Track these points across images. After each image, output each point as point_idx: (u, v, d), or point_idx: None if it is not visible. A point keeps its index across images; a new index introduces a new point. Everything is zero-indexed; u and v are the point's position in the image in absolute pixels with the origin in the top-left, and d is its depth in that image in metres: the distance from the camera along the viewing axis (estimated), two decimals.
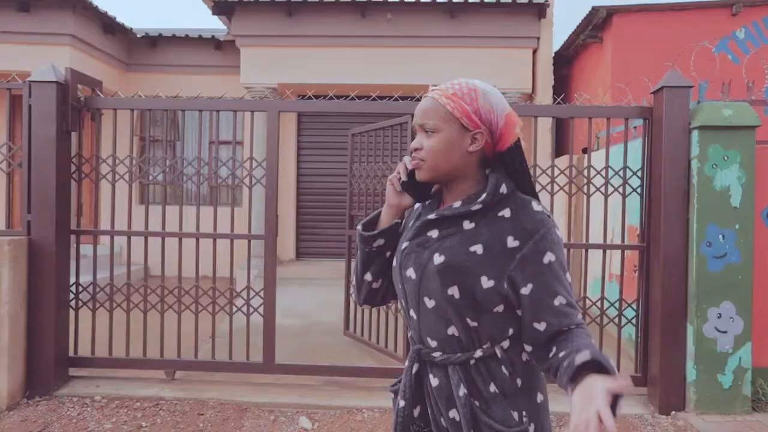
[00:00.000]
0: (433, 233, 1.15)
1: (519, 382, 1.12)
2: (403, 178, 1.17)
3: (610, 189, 3.48)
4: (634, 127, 4.27)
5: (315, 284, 6.39)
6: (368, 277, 1.28)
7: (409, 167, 1.17)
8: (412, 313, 1.19)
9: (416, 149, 1.14)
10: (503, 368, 1.11)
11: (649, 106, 3.47)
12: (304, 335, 4.80)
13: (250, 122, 3.60)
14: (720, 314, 3.23)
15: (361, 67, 6.90)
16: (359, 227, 1.27)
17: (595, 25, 5.76)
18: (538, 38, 6.79)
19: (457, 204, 1.13)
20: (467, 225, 1.11)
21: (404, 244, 1.20)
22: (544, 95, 6.73)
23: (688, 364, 3.28)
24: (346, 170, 7.52)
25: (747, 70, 4.94)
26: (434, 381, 1.15)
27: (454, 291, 1.08)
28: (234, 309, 3.64)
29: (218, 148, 3.62)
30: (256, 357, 3.63)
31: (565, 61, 7.02)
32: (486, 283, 1.06)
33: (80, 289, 3.62)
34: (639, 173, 3.47)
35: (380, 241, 1.24)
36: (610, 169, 3.48)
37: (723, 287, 3.23)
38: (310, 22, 6.89)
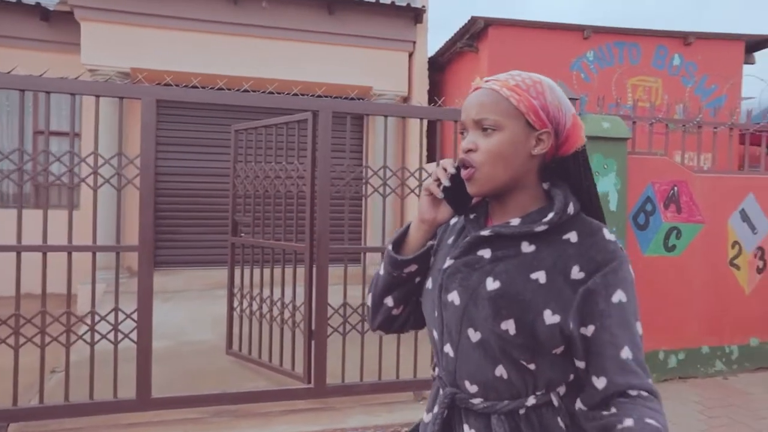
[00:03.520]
0: (485, 253, 0.94)
1: None
2: (446, 183, 0.95)
3: None
4: None
5: (181, 297, 5.68)
6: (389, 302, 1.06)
7: (452, 171, 0.95)
8: (447, 348, 0.96)
9: (469, 150, 0.92)
10: (559, 420, 0.91)
11: None
12: (178, 358, 4.18)
13: (117, 110, 2.96)
14: None
15: (231, 57, 6.32)
16: (390, 248, 1.03)
17: (472, 34, 6.04)
18: (414, 42, 6.91)
19: (516, 221, 0.93)
20: (526, 247, 0.92)
21: (447, 263, 0.97)
22: (420, 99, 6.88)
23: None
24: (212, 169, 6.97)
25: (596, 88, 5.58)
26: None
27: (508, 326, 0.88)
28: (97, 336, 2.98)
29: (69, 140, 2.90)
30: (126, 392, 3.02)
31: (438, 66, 7.27)
32: (550, 318, 0.87)
33: None
34: None
35: (413, 267, 1.01)
36: None
37: None
38: (170, 1, 6.11)
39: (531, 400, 0.91)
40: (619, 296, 0.86)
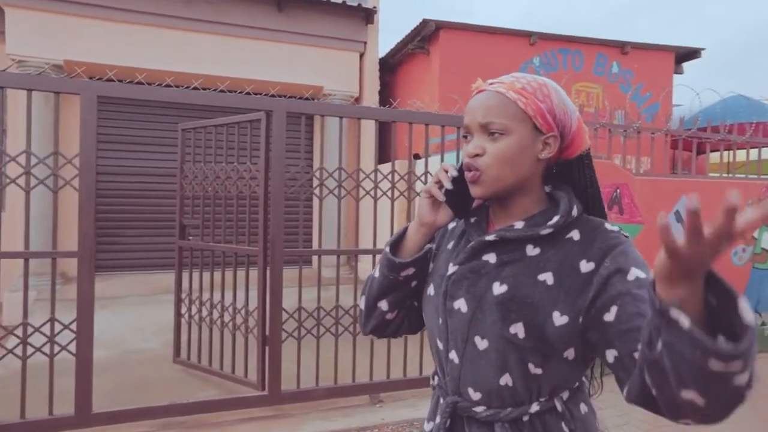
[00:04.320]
0: (490, 257, 0.93)
1: None
2: (448, 186, 0.93)
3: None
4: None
5: (122, 304, 5.38)
6: (384, 306, 1.03)
7: (453, 174, 0.94)
8: (452, 355, 0.94)
9: (476, 155, 0.89)
10: (563, 425, 0.90)
11: None
12: (121, 369, 3.95)
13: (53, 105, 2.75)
14: None
15: (179, 53, 6.05)
16: (387, 250, 1.00)
17: (423, 36, 6.09)
18: (365, 43, 6.89)
19: (520, 225, 0.92)
20: (531, 250, 0.91)
21: (452, 269, 0.95)
22: (371, 100, 6.87)
23: None
24: (157, 169, 6.65)
25: None
26: None
27: (518, 329, 0.86)
28: (30, 350, 2.75)
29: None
30: (64, 408, 2.81)
31: (389, 68, 7.29)
32: (559, 319, 0.85)
33: None
34: None
35: (410, 270, 0.99)
36: (428, 175, 3.51)
37: None
38: None
39: (534, 407, 0.90)
40: (635, 273, 0.82)
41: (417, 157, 5.45)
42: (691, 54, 7.76)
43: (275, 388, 3.21)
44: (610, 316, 0.81)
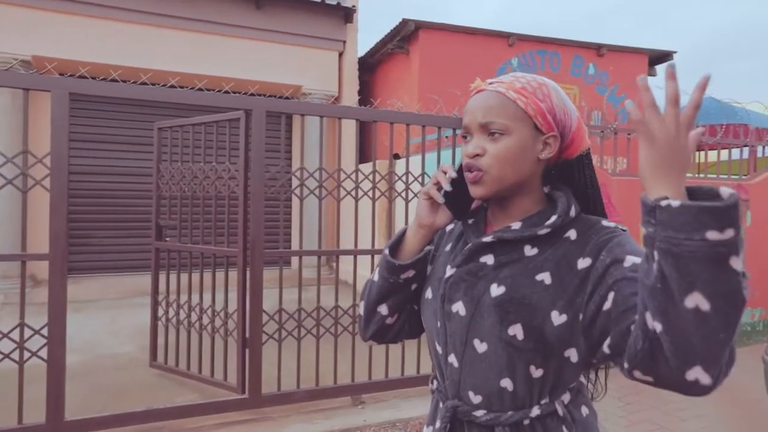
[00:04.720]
0: (488, 259, 0.92)
1: None
2: (447, 188, 0.92)
3: (411, 195, 3.48)
4: (447, 136, 4.60)
5: (95, 307, 5.25)
6: (383, 310, 1.01)
7: (453, 175, 0.92)
8: (452, 359, 0.93)
9: (476, 155, 0.89)
10: (564, 428, 0.90)
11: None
12: (95, 374, 3.84)
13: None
14: None
15: (151, 49, 5.93)
16: (387, 252, 0.98)
17: (403, 36, 6.09)
18: (344, 42, 6.86)
19: (517, 225, 0.91)
20: (529, 251, 0.90)
21: (449, 272, 0.94)
22: (350, 99, 6.84)
23: None
24: (132, 169, 6.51)
25: None
26: None
27: (516, 330, 0.85)
28: None
29: None
30: (35, 416, 2.72)
31: (368, 67, 7.26)
32: (557, 318, 0.84)
33: None
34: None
35: (410, 273, 0.97)
36: (409, 175, 3.48)
37: None
38: None
39: (535, 411, 0.89)
40: (631, 260, 0.80)
41: (397, 156, 5.44)
42: (664, 57, 7.93)
43: (255, 391, 3.16)
44: (608, 304, 0.79)
